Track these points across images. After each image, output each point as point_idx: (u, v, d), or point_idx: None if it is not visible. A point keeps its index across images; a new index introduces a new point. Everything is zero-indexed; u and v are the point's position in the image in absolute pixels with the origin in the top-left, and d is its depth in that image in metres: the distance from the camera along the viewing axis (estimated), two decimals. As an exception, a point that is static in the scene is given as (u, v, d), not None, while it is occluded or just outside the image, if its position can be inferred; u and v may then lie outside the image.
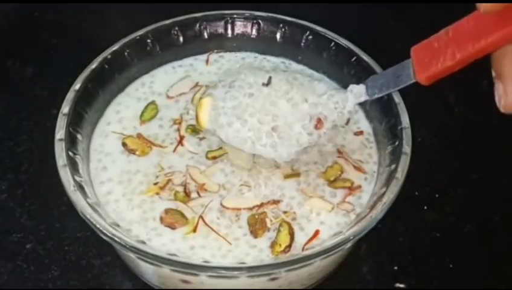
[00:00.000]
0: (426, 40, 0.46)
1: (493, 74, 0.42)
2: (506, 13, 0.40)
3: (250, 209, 0.51)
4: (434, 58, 0.44)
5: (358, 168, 0.54)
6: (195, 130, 0.56)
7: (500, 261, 0.57)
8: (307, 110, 0.51)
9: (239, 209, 0.51)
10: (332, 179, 0.53)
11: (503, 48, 0.41)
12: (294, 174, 0.54)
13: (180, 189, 0.52)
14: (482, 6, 0.40)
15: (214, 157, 0.54)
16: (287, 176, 0.53)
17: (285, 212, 0.51)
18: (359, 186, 0.53)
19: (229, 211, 0.51)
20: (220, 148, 0.55)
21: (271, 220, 0.50)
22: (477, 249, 0.58)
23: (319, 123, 0.51)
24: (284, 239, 0.49)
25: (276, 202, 0.52)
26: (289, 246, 0.49)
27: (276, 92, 0.52)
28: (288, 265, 0.45)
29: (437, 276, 0.56)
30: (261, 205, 0.51)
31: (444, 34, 0.44)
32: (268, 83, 0.52)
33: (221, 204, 0.51)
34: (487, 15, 0.40)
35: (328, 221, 0.51)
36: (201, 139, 0.56)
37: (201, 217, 0.50)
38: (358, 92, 0.52)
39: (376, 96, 0.51)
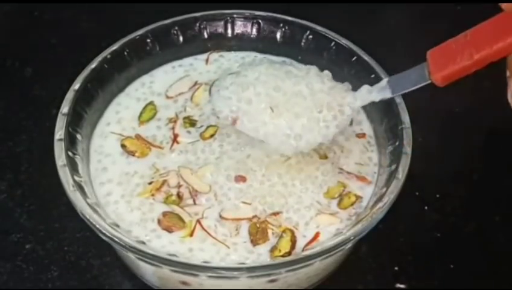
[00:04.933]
0: (443, 43, 0.47)
1: (507, 73, 0.45)
2: None
3: (250, 219, 0.50)
4: (451, 59, 0.45)
5: (362, 179, 0.53)
6: (191, 123, 0.56)
7: (500, 261, 0.57)
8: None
9: (239, 219, 0.50)
10: (336, 196, 0.52)
11: None
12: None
13: (175, 191, 0.51)
14: (506, 5, 0.42)
15: (211, 136, 0.54)
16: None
17: (286, 218, 0.50)
18: (361, 197, 0.52)
19: (228, 222, 0.50)
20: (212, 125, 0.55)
21: (272, 230, 0.50)
22: (478, 249, 0.58)
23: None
24: (285, 246, 0.49)
25: (276, 213, 0.51)
26: (289, 253, 0.48)
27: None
28: (289, 265, 0.44)
29: (438, 276, 0.56)
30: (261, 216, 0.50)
31: (463, 37, 0.45)
32: None
33: (220, 215, 0.50)
34: (505, 18, 0.42)
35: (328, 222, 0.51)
36: (198, 128, 0.56)
37: (198, 221, 0.50)
38: (382, 89, 0.52)
39: (396, 94, 0.51)
